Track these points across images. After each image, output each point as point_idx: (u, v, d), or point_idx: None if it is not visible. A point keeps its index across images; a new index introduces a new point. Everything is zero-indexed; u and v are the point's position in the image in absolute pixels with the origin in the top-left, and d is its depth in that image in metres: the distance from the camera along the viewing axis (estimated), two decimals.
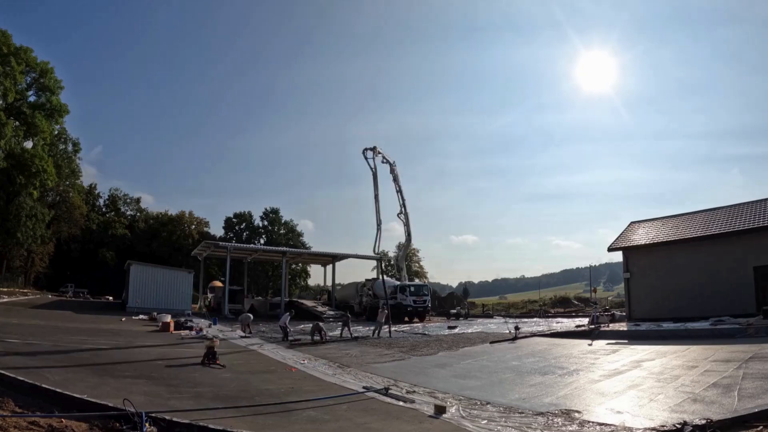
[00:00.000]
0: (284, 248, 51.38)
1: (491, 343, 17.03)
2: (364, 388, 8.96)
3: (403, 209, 34.47)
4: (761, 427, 5.64)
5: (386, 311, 21.69)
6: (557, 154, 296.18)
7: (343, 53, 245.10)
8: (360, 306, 36.45)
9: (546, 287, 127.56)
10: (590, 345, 15.23)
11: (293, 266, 58.88)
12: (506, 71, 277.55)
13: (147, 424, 5.36)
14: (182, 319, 22.14)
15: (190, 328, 20.04)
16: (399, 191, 34.03)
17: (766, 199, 21.97)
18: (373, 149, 29.76)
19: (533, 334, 19.79)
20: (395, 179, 33.46)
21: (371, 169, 29.15)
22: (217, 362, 10.90)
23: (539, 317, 35.23)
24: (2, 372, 7.38)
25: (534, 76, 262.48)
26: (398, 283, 34.85)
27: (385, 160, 32.27)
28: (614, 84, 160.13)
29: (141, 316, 25.27)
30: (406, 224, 34.78)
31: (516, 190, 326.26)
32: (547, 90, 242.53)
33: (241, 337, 18.54)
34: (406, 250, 40.21)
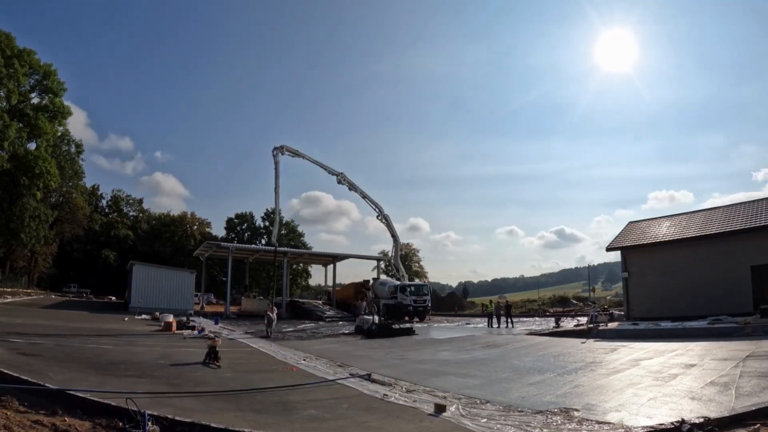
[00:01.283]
0: (285, 248, 51.50)
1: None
2: (368, 389, 9.03)
3: (379, 211, 35.46)
4: (758, 425, 5.67)
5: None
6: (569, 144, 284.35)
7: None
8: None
9: (545, 287, 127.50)
10: (583, 343, 15.33)
11: (294, 266, 59.01)
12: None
13: (149, 423, 5.41)
14: (184, 319, 22.26)
15: (192, 328, 20.14)
16: (364, 197, 35.03)
17: (763, 199, 22.14)
18: (281, 148, 32.60)
19: (532, 333, 19.86)
20: (351, 187, 34.61)
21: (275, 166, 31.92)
22: (218, 362, 10.97)
23: (538, 316, 35.28)
24: (6, 371, 7.47)
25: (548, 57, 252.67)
26: (398, 282, 34.92)
27: (332, 173, 34.99)
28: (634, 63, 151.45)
29: (143, 316, 25.41)
30: (389, 225, 35.51)
31: (520, 183, 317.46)
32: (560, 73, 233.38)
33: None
34: (396, 249, 40.41)
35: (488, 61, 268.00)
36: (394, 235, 35.89)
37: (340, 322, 30.21)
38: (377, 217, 36.31)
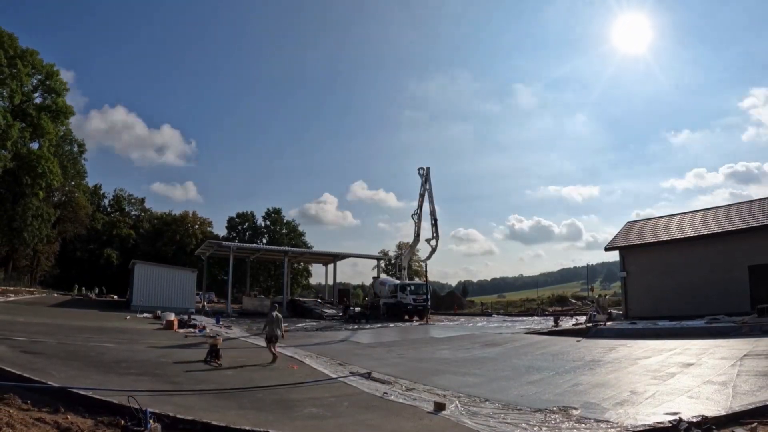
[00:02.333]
0: (286, 248, 51.62)
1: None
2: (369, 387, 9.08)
3: (418, 211, 35.82)
4: (756, 423, 5.71)
5: None
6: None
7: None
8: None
9: (544, 286, 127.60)
10: (578, 341, 15.44)
11: (295, 265, 59.15)
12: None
13: (151, 421, 5.46)
14: (185, 318, 22.37)
15: (194, 326, 20.23)
16: (422, 194, 35.40)
17: (760, 200, 22.31)
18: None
19: (531, 332, 19.91)
20: (424, 183, 35.45)
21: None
22: (219, 360, 11.03)
23: (537, 315, 35.38)
24: (9, 369, 7.54)
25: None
26: (398, 282, 35.06)
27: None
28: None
29: (145, 315, 25.51)
30: (417, 225, 35.79)
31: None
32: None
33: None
34: (413, 249, 40.56)
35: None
36: (418, 235, 36.23)
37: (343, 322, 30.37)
38: (412, 214, 36.66)
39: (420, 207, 35.45)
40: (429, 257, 35.42)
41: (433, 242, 34.15)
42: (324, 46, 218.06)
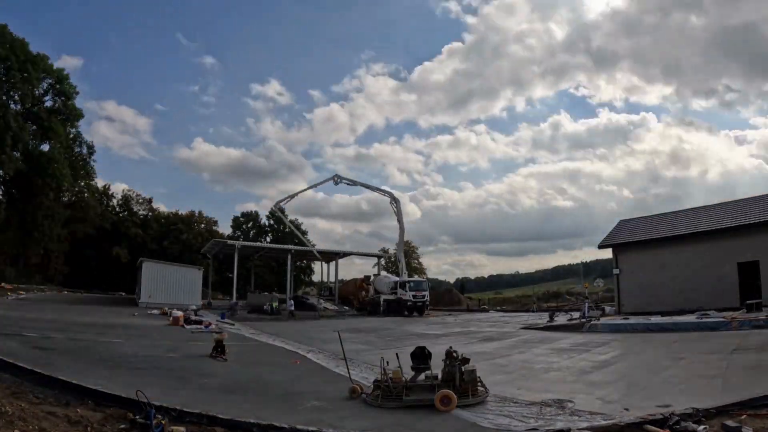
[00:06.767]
0: (290, 246, 52.02)
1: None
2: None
3: (391, 197, 38.76)
4: (744, 416, 5.81)
5: None
6: None
7: None
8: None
9: (540, 282, 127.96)
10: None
11: (298, 263, 59.61)
12: None
13: (159, 415, 5.66)
14: (192, 314, 22.74)
15: (200, 323, 20.54)
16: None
17: (750, 198, 22.58)
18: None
19: (527, 327, 20.08)
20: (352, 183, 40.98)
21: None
22: (225, 355, 11.27)
23: (533, 311, 35.55)
24: (21, 365, 7.75)
25: None
26: (398, 279, 35.47)
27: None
28: None
29: (152, 311, 25.91)
30: (398, 212, 37.93)
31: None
32: None
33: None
34: (401, 238, 40.97)
35: None
36: (400, 222, 36.97)
37: (346, 316, 30.78)
38: (390, 203, 38.69)
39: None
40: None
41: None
42: None
